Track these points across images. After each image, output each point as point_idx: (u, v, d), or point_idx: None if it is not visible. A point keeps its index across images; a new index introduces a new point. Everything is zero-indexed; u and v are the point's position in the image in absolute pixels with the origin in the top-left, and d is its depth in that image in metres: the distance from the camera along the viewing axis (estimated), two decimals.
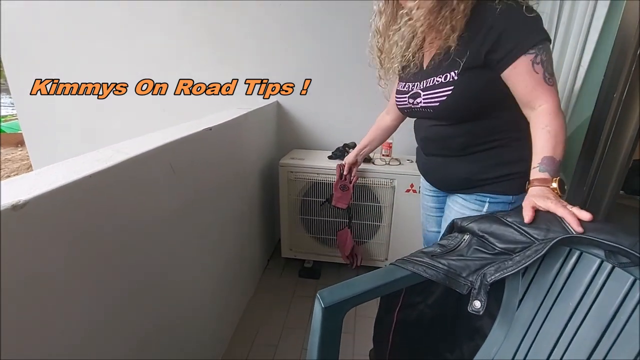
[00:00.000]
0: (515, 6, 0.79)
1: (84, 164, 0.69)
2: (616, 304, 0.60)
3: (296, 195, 1.75)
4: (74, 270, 0.62)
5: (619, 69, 0.88)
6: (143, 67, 2.02)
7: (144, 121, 2.11)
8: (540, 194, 0.74)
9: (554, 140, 0.76)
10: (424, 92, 0.95)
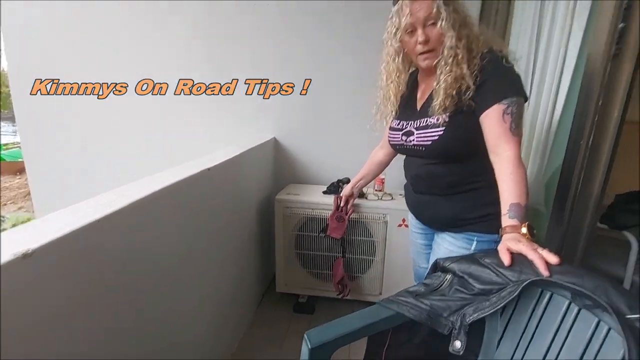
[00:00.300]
0: (498, 60, 0.89)
1: (88, 209, 0.75)
2: (583, 345, 0.64)
3: (291, 230, 1.79)
4: (78, 309, 0.66)
5: (585, 115, 0.96)
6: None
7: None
8: (513, 238, 0.79)
9: (519, 187, 0.83)
10: (417, 131, 1.02)
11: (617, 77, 0.89)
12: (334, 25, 1.92)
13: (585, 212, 0.98)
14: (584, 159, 0.95)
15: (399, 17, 0.95)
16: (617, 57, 0.87)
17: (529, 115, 1.42)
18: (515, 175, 0.85)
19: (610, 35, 0.87)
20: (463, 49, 0.91)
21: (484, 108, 0.90)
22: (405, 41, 0.98)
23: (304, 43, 1.97)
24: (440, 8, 0.90)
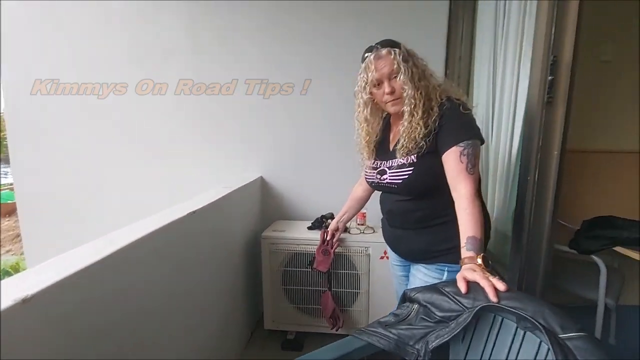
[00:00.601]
0: (455, 107, 1.02)
1: (80, 256, 0.82)
2: None
3: (278, 266, 1.84)
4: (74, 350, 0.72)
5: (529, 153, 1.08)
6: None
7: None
8: (469, 268, 0.88)
9: (474, 221, 0.92)
10: (390, 170, 1.13)
11: (552, 121, 1.02)
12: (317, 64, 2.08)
13: (541, 238, 1.08)
14: (533, 191, 1.06)
15: (366, 73, 1.09)
16: (550, 103, 1.01)
17: (493, 152, 1.56)
18: (470, 210, 0.95)
19: (542, 85, 1.00)
20: (421, 97, 1.05)
21: (444, 150, 1.02)
22: (374, 92, 1.12)
23: (285, 128, 2.13)
24: (400, 64, 1.04)
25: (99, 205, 2.28)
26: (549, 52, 0.98)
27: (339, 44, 2.03)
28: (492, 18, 1.58)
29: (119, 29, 2.15)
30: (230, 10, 2.07)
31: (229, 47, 2.11)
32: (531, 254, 1.09)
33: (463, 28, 1.88)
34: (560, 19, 0.96)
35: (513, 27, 1.35)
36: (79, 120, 2.23)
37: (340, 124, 2.06)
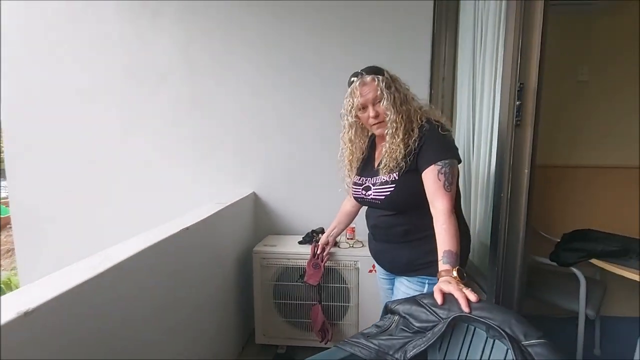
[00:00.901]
0: (434, 129, 1.11)
1: (78, 272, 0.86)
2: None
3: (269, 280, 1.88)
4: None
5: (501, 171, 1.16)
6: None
7: None
8: (445, 280, 0.94)
9: (450, 236, 0.99)
10: (374, 187, 1.20)
11: (522, 142, 1.10)
12: (308, 83, 2.16)
13: (515, 251, 1.14)
14: (506, 207, 1.13)
15: (352, 98, 1.18)
16: (518, 126, 1.09)
17: (474, 169, 1.64)
18: (447, 225, 1.01)
19: (511, 109, 1.09)
20: (402, 121, 1.12)
21: (424, 168, 1.10)
22: (360, 116, 1.20)
23: (278, 142, 2.21)
24: (383, 91, 1.12)
25: (93, 221, 2.32)
26: (516, 80, 1.06)
27: (329, 64, 2.12)
28: (471, 44, 1.69)
29: (116, 50, 2.22)
30: (225, 32, 2.16)
31: (222, 67, 2.19)
32: (507, 266, 1.15)
33: (445, 51, 1.99)
34: (525, 50, 1.05)
35: (489, 54, 1.44)
36: (74, 137, 2.28)
37: (330, 141, 2.12)
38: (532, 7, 1.04)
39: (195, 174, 2.27)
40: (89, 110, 2.27)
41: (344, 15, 2.09)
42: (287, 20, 2.12)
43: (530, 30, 1.04)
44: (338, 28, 2.10)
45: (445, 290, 0.91)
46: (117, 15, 2.20)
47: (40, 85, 2.26)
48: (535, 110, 1.06)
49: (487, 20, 1.48)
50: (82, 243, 2.26)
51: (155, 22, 2.18)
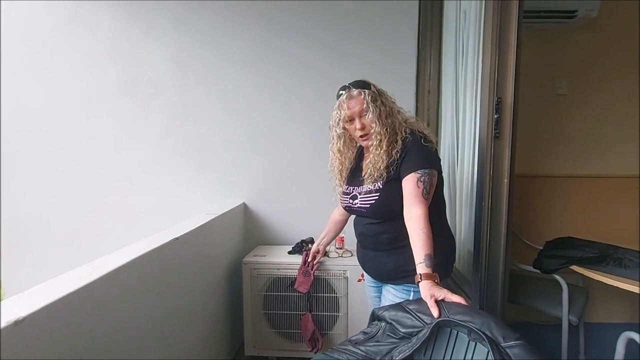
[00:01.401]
0: (417, 140, 1.15)
1: (68, 281, 0.87)
2: None
3: (259, 290, 1.89)
4: None
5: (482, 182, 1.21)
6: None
7: None
8: (434, 286, 0.96)
9: (429, 240, 1.03)
10: (360, 195, 1.24)
11: (501, 153, 1.15)
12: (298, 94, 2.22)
13: (497, 259, 1.18)
14: (488, 216, 1.18)
15: (340, 110, 1.22)
16: (497, 138, 1.14)
17: (459, 178, 1.69)
18: (426, 230, 1.05)
19: (490, 123, 1.15)
20: (387, 133, 1.17)
21: (404, 175, 1.14)
22: (348, 127, 1.25)
23: (270, 152, 2.25)
24: (369, 104, 1.17)
25: (83, 232, 2.30)
26: (494, 95, 1.12)
27: (319, 77, 2.18)
28: (453, 60, 1.76)
29: (109, 62, 2.25)
30: (217, 42, 2.21)
31: (214, 78, 2.23)
32: (490, 272, 1.19)
33: (430, 66, 2.07)
34: (501, 67, 1.11)
35: (470, 71, 1.52)
36: (66, 148, 2.28)
37: (319, 152, 2.17)
38: (506, 28, 1.11)
39: (186, 185, 2.28)
40: (82, 121, 2.28)
41: (334, 32, 2.16)
42: (278, 35, 2.18)
43: (505, 50, 1.10)
44: (328, 43, 2.17)
45: (437, 296, 0.93)
46: (110, 29, 2.23)
47: (33, 97, 2.27)
48: (513, 123, 1.12)
49: (467, 38, 1.56)
50: (72, 253, 2.24)
51: (148, 35, 2.22)
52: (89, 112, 2.27)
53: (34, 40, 2.25)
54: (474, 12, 1.45)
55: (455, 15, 1.71)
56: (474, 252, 1.27)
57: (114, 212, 2.29)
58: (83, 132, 2.28)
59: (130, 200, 2.29)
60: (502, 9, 1.09)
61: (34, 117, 2.28)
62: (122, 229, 2.25)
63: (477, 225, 1.23)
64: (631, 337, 1.26)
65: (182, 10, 2.19)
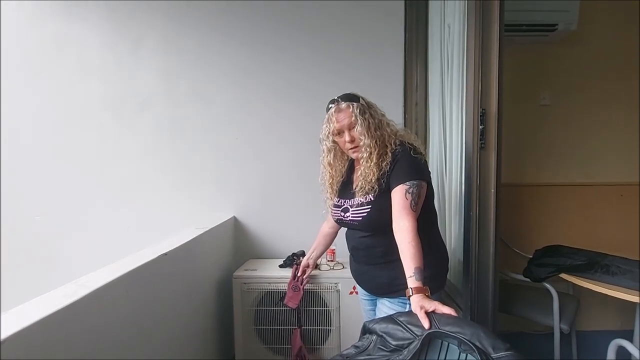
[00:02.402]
0: (407, 151, 1.16)
1: (52, 300, 0.85)
2: None
3: (250, 305, 1.86)
4: None
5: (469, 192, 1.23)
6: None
7: None
8: (424, 299, 0.96)
9: (418, 253, 1.03)
10: (352, 208, 1.24)
11: (487, 163, 1.17)
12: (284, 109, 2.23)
13: (487, 268, 1.19)
14: (476, 225, 1.19)
15: (329, 124, 1.23)
16: (483, 149, 1.17)
17: (447, 188, 1.71)
18: (415, 243, 1.05)
19: (476, 133, 1.17)
20: (376, 145, 1.18)
21: (393, 187, 1.14)
22: (337, 140, 1.25)
23: (258, 168, 2.26)
24: (358, 117, 1.18)
25: (68, 250, 2.25)
26: (478, 106, 1.15)
27: (306, 93, 2.20)
28: (439, 73, 1.80)
29: (95, 78, 2.24)
30: (205, 58, 2.22)
31: (202, 96, 2.24)
32: (480, 282, 1.20)
33: (417, 77, 2.11)
34: (484, 79, 1.14)
35: (455, 82, 1.55)
36: (51, 164, 2.25)
37: (309, 165, 2.17)
38: (488, 41, 1.15)
39: (174, 200, 2.26)
40: (68, 137, 2.25)
41: (320, 48, 2.19)
42: (264, 52, 2.20)
43: (488, 62, 1.13)
44: (314, 60, 2.20)
45: (428, 308, 0.93)
46: (98, 45, 2.23)
47: (18, 112, 2.24)
48: (498, 133, 1.14)
49: (452, 51, 1.60)
50: (58, 271, 2.18)
51: (135, 52, 2.22)
52: (74, 127, 2.24)
53: (21, 57, 2.24)
54: (458, 26, 1.49)
55: (440, 29, 1.76)
56: (464, 262, 1.27)
57: (100, 228, 2.25)
58: (68, 148, 2.25)
59: (117, 216, 2.26)
60: (483, 22, 1.12)
61: (18, 132, 2.25)
62: (109, 246, 2.20)
63: (466, 234, 1.24)
64: (621, 345, 1.27)
65: (170, 28, 2.21)
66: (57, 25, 2.23)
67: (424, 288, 0.98)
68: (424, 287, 0.98)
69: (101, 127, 2.25)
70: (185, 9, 2.20)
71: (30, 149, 2.25)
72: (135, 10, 2.21)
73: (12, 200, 2.26)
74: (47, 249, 2.26)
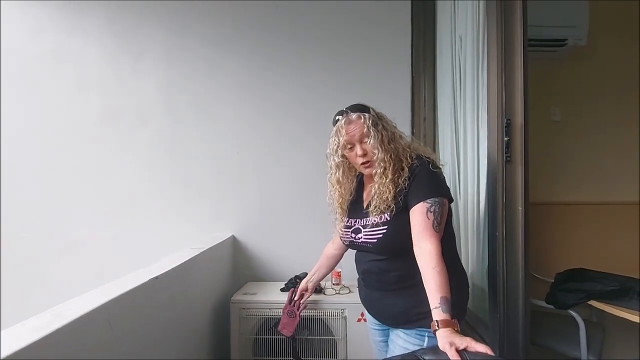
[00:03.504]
0: (425, 165, 1.05)
1: (21, 333, 0.72)
2: None
3: (248, 333, 1.71)
4: None
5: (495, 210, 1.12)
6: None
7: None
8: (453, 334, 0.83)
9: (444, 280, 0.90)
10: (364, 229, 1.11)
11: (513, 178, 1.07)
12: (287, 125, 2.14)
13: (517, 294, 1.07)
14: (503, 247, 1.07)
15: (338, 137, 1.11)
16: (509, 162, 1.06)
17: (462, 209, 1.60)
18: (439, 268, 0.93)
19: (500, 146, 1.07)
20: (391, 160, 1.07)
21: (412, 205, 1.02)
22: (347, 155, 1.14)
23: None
24: (370, 128, 1.07)
25: (57, 271, 2.11)
26: (503, 116, 1.06)
27: (310, 109, 2.12)
28: (450, 84, 1.73)
29: (96, 92, 2.17)
30: (207, 73, 2.15)
31: (203, 112, 2.16)
32: (509, 311, 1.07)
33: (425, 92, 2.04)
34: (508, 87, 1.06)
35: (469, 93, 1.47)
36: (45, 179, 2.15)
37: (314, 183, 2.07)
38: (511, 48, 1.07)
39: (171, 218, 2.14)
40: (66, 150, 2.16)
41: (324, 62, 2.13)
42: (268, 67, 2.14)
43: (512, 69, 1.05)
44: (318, 75, 2.14)
45: (458, 346, 0.80)
46: (98, 58, 2.17)
47: (14, 125, 2.15)
48: (524, 145, 1.04)
49: (465, 63, 1.52)
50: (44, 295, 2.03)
51: (136, 65, 2.16)
52: (72, 141, 2.16)
53: (20, 67, 2.17)
54: (471, 36, 1.42)
55: (450, 41, 1.69)
56: (490, 289, 1.15)
57: (92, 249, 2.11)
58: (63, 163, 2.16)
59: (110, 235, 2.13)
60: (505, 27, 1.05)
61: (13, 146, 2.15)
62: (100, 267, 2.07)
63: (491, 258, 1.12)
64: None
65: (172, 41, 2.15)
66: (57, 37, 2.17)
67: (452, 322, 0.86)
68: (452, 321, 0.86)
69: (97, 141, 2.16)
70: (187, 22, 2.15)
71: (24, 162, 2.15)
72: (137, 23, 2.17)
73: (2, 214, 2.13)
74: (35, 267, 2.12)
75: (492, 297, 1.13)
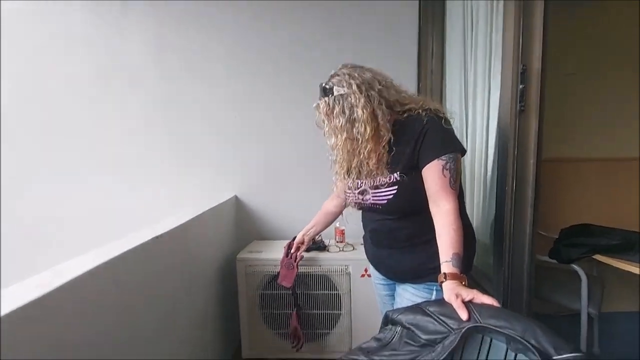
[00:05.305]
0: (436, 120, 0.97)
1: (23, 291, 0.71)
2: None
3: (255, 289, 1.75)
4: None
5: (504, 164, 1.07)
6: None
7: None
8: (460, 286, 0.83)
9: (459, 238, 0.88)
10: (372, 190, 1.06)
11: (526, 130, 1.01)
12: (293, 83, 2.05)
13: (522, 250, 1.05)
14: (511, 202, 1.04)
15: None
16: (522, 112, 1.00)
17: (469, 163, 1.55)
18: (456, 226, 0.91)
19: (514, 94, 1.00)
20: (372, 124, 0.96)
21: (425, 163, 0.97)
22: None
23: (266, 139, 2.10)
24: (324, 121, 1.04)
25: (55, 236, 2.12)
26: (518, 62, 0.98)
27: (314, 59, 2.01)
28: (461, 34, 1.61)
29: (84, 52, 2.05)
30: (199, 32, 2.03)
31: (196, 69, 2.06)
32: (514, 266, 1.06)
33: (433, 44, 1.91)
34: (526, 30, 0.96)
35: (481, 41, 1.37)
36: (42, 143, 2.10)
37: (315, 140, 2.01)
38: None
39: (171, 180, 2.11)
40: (57, 112, 2.09)
41: (326, 14, 1.99)
42: (266, 22, 2.01)
43: (531, 7, 0.95)
44: (320, 26, 2.01)
45: (464, 297, 0.80)
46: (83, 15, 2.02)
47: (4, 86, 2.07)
48: (541, 94, 0.97)
49: (477, 9, 1.40)
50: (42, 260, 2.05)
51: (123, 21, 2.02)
52: (64, 102, 2.08)
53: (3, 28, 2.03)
54: None
55: None
56: (495, 244, 1.13)
57: (91, 209, 2.11)
58: (57, 124, 2.09)
59: (109, 198, 2.12)
60: None
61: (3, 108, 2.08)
62: (100, 231, 2.04)
63: (499, 213, 1.09)
64: None
65: None
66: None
67: (460, 275, 0.85)
68: (460, 275, 0.85)
69: (91, 100, 2.08)
70: None
71: (15, 126, 2.09)
72: None
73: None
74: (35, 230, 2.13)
75: (497, 253, 1.12)
